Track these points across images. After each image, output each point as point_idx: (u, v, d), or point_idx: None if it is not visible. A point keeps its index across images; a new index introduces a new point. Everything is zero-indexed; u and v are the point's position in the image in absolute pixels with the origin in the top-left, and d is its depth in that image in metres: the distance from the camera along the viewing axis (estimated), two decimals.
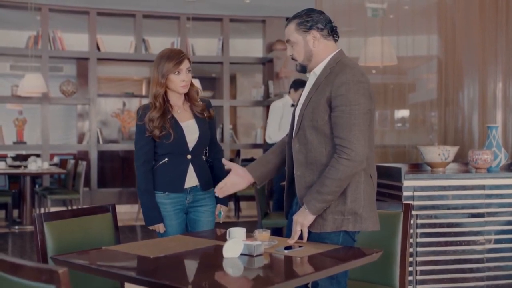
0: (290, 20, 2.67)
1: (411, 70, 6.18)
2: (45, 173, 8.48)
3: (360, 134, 2.48)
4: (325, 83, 2.55)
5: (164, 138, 3.11)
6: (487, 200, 3.95)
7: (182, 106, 3.24)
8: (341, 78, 2.51)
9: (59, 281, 1.54)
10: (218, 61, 10.01)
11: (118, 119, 12.54)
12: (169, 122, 3.12)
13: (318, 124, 2.55)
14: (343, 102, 2.48)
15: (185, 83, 3.15)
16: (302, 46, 2.63)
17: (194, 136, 3.20)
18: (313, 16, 2.63)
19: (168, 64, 3.10)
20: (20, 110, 11.54)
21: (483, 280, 3.95)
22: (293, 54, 2.68)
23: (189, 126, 3.21)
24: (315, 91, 2.58)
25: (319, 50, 2.63)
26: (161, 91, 3.13)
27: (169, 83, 3.14)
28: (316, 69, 2.64)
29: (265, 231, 2.58)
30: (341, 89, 2.49)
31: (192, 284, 2.07)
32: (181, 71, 3.14)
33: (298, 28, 2.63)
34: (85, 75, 10.19)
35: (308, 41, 2.62)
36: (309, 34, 2.62)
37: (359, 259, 2.37)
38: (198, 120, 3.24)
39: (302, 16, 2.64)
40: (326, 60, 2.63)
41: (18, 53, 9.27)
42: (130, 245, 2.61)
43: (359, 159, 2.47)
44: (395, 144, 6.14)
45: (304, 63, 2.66)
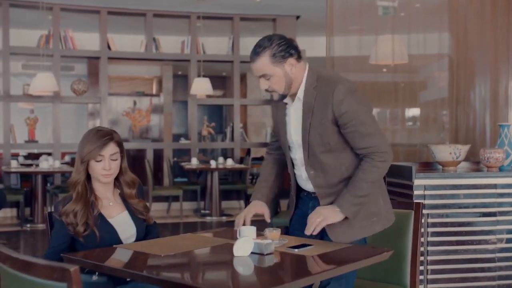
0: (258, 54, 2.51)
1: (422, 68, 6.15)
2: (57, 171, 8.53)
3: (381, 136, 2.54)
4: (321, 106, 2.50)
5: (89, 237, 2.52)
6: (499, 199, 3.93)
7: (112, 197, 2.67)
8: (337, 96, 2.47)
9: (71, 279, 1.55)
10: (229, 60, 10.01)
11: (129, 118, 12.59)
12: (93, 219, 2.54)
13: (331, 146, 2.55)
14: (351, 117, 2.48)
15: (106, 171, 2.56)
16: (281, 76, 2.51)
17: (129, 234, 2.63)
18: (284, 44, 2.50)
19: (88, 148, 2.53)
20: (32, 109, 11.61)
21: (495, 279, 3.93)
22: (271, 86, 2.54)
23: (122, 222, 2.63)
24: (311, 115, 2.53)
25: (297, 75, 2.55)
26: (80, 178, 2.56)
27: (90, 170, 2.58)
28: (299, 94, 2.57)
29: (275, 230, 2.57)
30: (343, 107, 2.47)
31: (203, 282, 2.07)
32: (103, 157, 2.55)
33: (274, 59, 2.49)
34: (96, 74, 10.24)
35: (286, 70, 2.51)
36: (286, 63, 2.50)
37: (370, 258, 2.36)
38: (132, 213, 2.68)
39: (273, 46, 2.49)
40: (303, 81, 2.56)
41: (30, 52, 9.32)
42: (141, 243, 2.62)
43: (391, 158, 2.53)
44: (406, 143, 6.12)
45: (285, 93, 2.56)
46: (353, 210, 2.51)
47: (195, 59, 9.71)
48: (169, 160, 9.84)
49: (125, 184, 2.69)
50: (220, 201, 8.89)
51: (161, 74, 13.08)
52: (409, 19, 5.76)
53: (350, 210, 2.50)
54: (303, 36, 10.43)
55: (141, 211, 2.71)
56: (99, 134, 2.57)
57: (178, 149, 11.49)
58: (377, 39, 5.49)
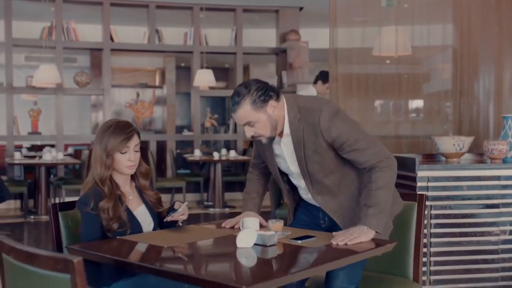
0: (238, 103, 2.47)
1: (425, 60, 6.13)
2: (60, 163, 8.54)
3: (378, 146, 2.55)
4: (310, 136, 2.52)
5: (120, 234, 2.55)
6: (503, 191, 3.92)
7: (131, 191, 2.70)
8: (323, 123, 2.48)
9: (74, 270, 1.55)
10: (231, 52, 10.00)
11: (132, 110, 12.60)
12: (125, 214, 2.58)
13: (333, 169, 2.59)
14: (344, 139, 2.50)
15: (132, 163, 2.60)
16: (266, 120, 2.49)
17: (149, 228, 2.69)
18: (262, 88, 2.48)
19: (113, 141, 2.54)
20: (35, 100, 11.62)
21: (498, 271, 3.93)
22: (256, 132, 2.52)
23: (143, 216, 2.68)
24: (303, 147, 2.54)
25: (280, 114, 2.54)
26: (107, 174, 2.57)
27: (113, 163, 2.58)
28: (285, 130, 2.57)
29: (278, 221, 2.58)
30: (333, 132, 2.49)
31: (206, 273, 2.08)
32: (129, 149, 2.58)
33: (255, 106, 2.47)
34: (99, 66, 10.23)
35: (269, 113, 2.49)
36: (268, 106, 2.49)
37: (373, 249, 2.36)
38: (148, 207, 2.72)
39: (251, 93, 2.46)
40: (286, 117, 2.55)
41: (32, 44, 9.32)
42: (144, 235, 2.62)
43: (394, 162, 2.55)
44: (409, 134, 6.11)
45: (272, 135, 2.55)
46: (380, 223, 2.48)
47: (198, 50, 9.69)
48: (172, 152, 9.84)
49: (141, 175, 2.71)
50: (223, 193, 8.89)
51: (164, 66, 13.06)
52: (412, 11, 5.74)
53: (378, 224, 2.46)
54: (306, 27, 10.40)
55: (155, 204, 2.74)
56: (122, 126, 2.58)
57: (181, 140, 11.49)
58: (380, 31, 5.46)
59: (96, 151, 2.57)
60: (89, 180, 2.60)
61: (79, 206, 2.55)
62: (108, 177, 2.57)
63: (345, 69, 5.91)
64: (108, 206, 2.51)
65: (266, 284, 1.94)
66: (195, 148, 9.68)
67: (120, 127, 2.58)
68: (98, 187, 2.55)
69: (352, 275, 2.52)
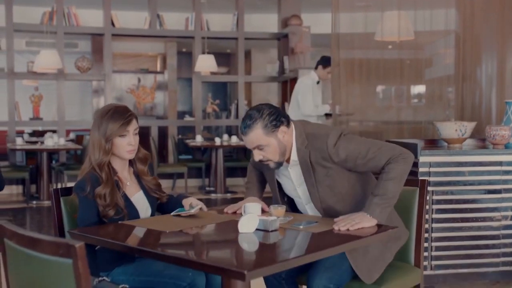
0: (250, 126, 2.51)
1: (428, 45, 6.10)
2: (62, 149, 8.55)
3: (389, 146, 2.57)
4: (319, 161, 2.56)
5: (117, 220, 2.54)
6: (504, 176, 3.92)
7: (129, 177, 2.68)
8: (331, 148, 2.52)
9: (76, 255, 1.55)
10: (233, 37, 9.95)
11: (133, 95, 12.59)
12: (122, 201, 2.56)
13: (343, 195, 2.61)
14: (355, 155, 2.53)
15: (132, 147, 2.59)
16: (276, 145, 2.54)
17: (147, 214, 2.67)
18: (274, 113, 2.54)
19: (112, 126, 2.53)
20: (36, 86, 11.60)
21: (499, 256, 3.94)
22: (265, 156, 2.56)
23: (140, 202, 2.66)
24: (313, 173, 2.58)
25: (289, 140, 2.59)
26: (106, 159, 2.55)
27: (113, 148, 2.57)
28: (292, 156, 2.61)
29: (280, 207, 2.58)
30: (341, 154, 2.53)
31: (208, 258, 2.08)
32: (128, 133, 2.57)
33: (267, 130, 2.51)
34: (100, 51, 10.19)
35: (279, 138, 2.55)
36: (279, 132, 2.54)
37: (375, 235, 2.37)
38: (146, 193, 2.70)
39: (263, 117, 2.51)
40: (294, 143, 2.60)
41: (33, 29, 9.28)
42: (146, 220, 2.62)
43: (410, 155, 2.55)
44: (411, 120, 6.10)
45: (280, 160, 2.59)
46: (383, 213, 2.47)
47: (199, 36, 9.65)
48: (173, 138, 9.84)
49: (139, 160, 2.70)
50: (225, 178, 8.90)
51: (165, 51, 13.02)
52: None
53: (380, 214, 2.46)
54: (308, 12, 10.35)
55: (154, 190, 2.73)
56: (120, 110, 2.57)
57: (182, 126, 11.48)
58: (383, 16, 5.43)
59: (94, 136, 2.56)
60: (86, 165, 2.60)
61: (76, 190, 2.55)
62: (106, 162, 2.55)
63: (347, 54, 5.89)
64: (105, 192, 2.50)
65: (267, 269, 1.94)
66: (197, 133, 9.68)
67: (119, 112, 2.57)
68: (95, 172, 2.54)
69: (336, 275, 2.47)
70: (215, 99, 11.78)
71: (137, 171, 2.70)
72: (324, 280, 2.43)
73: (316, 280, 2.44)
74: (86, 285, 1.58)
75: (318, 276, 2.45)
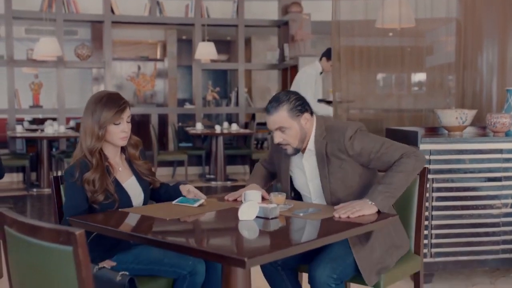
0: (276, 107, 2.62)
1: (429, 32, 6.08)
2: (62, 136, 8.55)
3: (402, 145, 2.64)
4: (335, 153, 2.62)
5: (107, 206, 2.55)
6: (505, 164, 3.92)
7: (120, 162, 2.70)
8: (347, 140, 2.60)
9: (76, 242, 1.55)
10: (233, 24, 9.92)
11: (133, 83, 12.56)
12: (112, 186, 2.57)
13: (353, 189, 2.66)
14: (369, 149, 2.60)
15: (125, 134, 2.61)
16: (297, 130, 2.63)
17: (139, 200, 2.69)
18: (300, 99, 2.65)
19: (106, 113, 2.54)
20: (36, 74, 11.57)
21: (499, 244, 3.94)
22: (285, 139, 2.64)
23: (132, 187, 2.68)
24: (328, 164, 2.64)
25: (310, 129, 2.68)
26: (98, 146, 2.56)
27: (106, 135, 2.59)
28: (309, 145, 2.69)
29: (280, 194, 2.58)
30: (355, 146, 2.60)
31: (208, 246, 2.08)
32: (122, 120, 2.59)
33: (292, 113, 2.62)
34: (100, 39, 10.16)
35: (302, 124, 2.64)
36: (302, 117, 2.64)
37: (376, 222, 2.37)
38: (139, 179, 2.72)
39: (290, 101, 2.62)
40: (312, 133, 2.69)
41: (32, 17, 9.24)
42: (146, 207, 2.63)
43: (422, 155, 2.61)
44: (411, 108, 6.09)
45: (298, 147, 2.67)
46: (385, 202, 2.48)
47: (199, 23, 9.62)
48: (173, 125, 9.83)
49: (130, 146, 2.72)
50: (225, 166, 8.91)
51: (165, 39, 12.98)
52: None
53: (382, 202, 2.46)
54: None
55: (146, 174, 2.74)
56: (114, 98, 2.59)
57: (182, 114, 11.47)
58: (383, 2, 5.40)
59: (87, 123, 2.56)
60: (77, 152, 2.61)
61: (65, 176, 2.55)
62: (98, 149, 2.57)
63: (347, 41, 5.87)
64: (94, 178, 2.51)
65: (268, 257, 1.94)
66: (197, 121, 9.67)
67: (113, 99, 2.58)
68: (86, 159, 2.55)
69: (339, 267, 2.48)
70: (215, 86, 11.76)
71: (129, 156, 2.73)
72: (328, 270, 2.44)
73: (319, 270, 2.44)
74: (86, 272, 1.58)
75: (322, 266, 2.45)
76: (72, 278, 1.60)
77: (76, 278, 1.59)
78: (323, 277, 2.42)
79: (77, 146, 2.64)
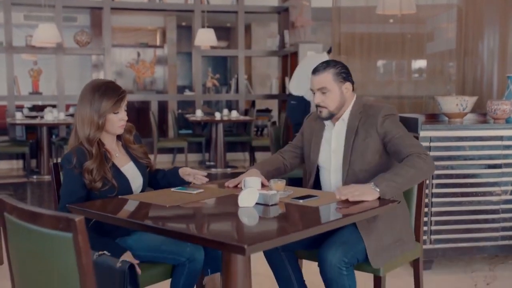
0: (324, 68, 2.75)
1: (430, 19, 6.06)
2: (62, 123, 8.54)
3: (420, 145, 2.70)
4: (365, 126, 2.72)
5: (106, 192, 2.56)
6: (505, 151, 3.91)
7: (117, 148, 2.72)
8: (382, 117, 2.70)
9: (76, 229, 1.56)
10: (233, 10, 9.87)
11: (133, 70, 12.52)
12: (110, 172, 2.58)
13: (370, 166, 2.70)
14: (395, 132, 2.68)
15: (124, 122, 2.65)
16: (337, 95, 2.75)
17: (138, 184, 2.71)
18: (346, 69, 2.79)
19: (106, 103, 2.56)
20: (35, 60, 11.54)
21: (498, 230, 3.95)
22: (324, 101, 2.75)
23: (131, 172, 2.70)
24: (355, 135, 2.73)
25: (348, 100, 2.79)
26: (99, 135, 2.58)
27: (106, 123, 2.60)
28: (344, 116, 2.80)
29: (280, 181, 2.58)
30: (385, 125, 2.70)
31: (208, 232, 2.09)
32: (121, 109, 2.61)
33: (336, 78, 2.75)
34: (99, 25, 10.12)
35: (343, 91, 2.76)
36: (344, 85, 2.77)
37: (376, 208, 2.37)
38: (137, 164, 2.75)
39: (338, 66, 2.76)
40: (350, 107, 2.80)
41: (31, 3, 9.20)
42: (146, 194, 2.63)
43: (432, 161, 2.63)
44: (412, 94, 6.08)
45: (334, 112, 2.77)
46: (389, 190, 2.47)
47: (199, 9, 9.57)
48: (173, 112, 9.82)
49: (124, 131, 2.73)
50: (225, 153, 8.91)
51: (165, 25, 12.94)
52: None
53: (385, 188, 2.46)
54: None
55: (142, 157, 2.78)
56: (112, 87, 2.60)
57: (182, 101, 11.45)
58: None
59: (85, 112, 2.56)
60: (72, 141, 2.61)
61: (62, 162, 2.56)
62: (98, 138, 2.58)
63: (348, 28, 5.85)
64: (93, 167, 2.52)
65: (267, 243, 1.95)
66: (197, 108, 9.65)
67: (112, 88, 2.59)
68: (83, 146, 2.56)
69: (350, 251, 2.48)
70: (215, 73, 11.73)
71: (124, 141, 2.75)
72: (339, 253, 2.45)
73: (331, 252, 2.45)
74: (86, 259, 1.58)
75: (334, 248, 2.46)
76: (72, 265, 1.60)
77: (76, 265, 1.59)
78: (334, 259, 2.43)
79: (72, 134, 2.64)
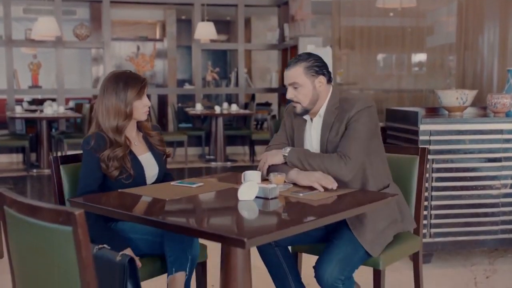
0: (295, 63, 2.67)
1: (430, 12, 6.05)
2: (61, 117, 8.54)
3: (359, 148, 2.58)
4: (339, 121, 2.65)
5: (122, 179, 2.62)
6: (505, 144, 3.91)
7: (136, 137, 2.77)
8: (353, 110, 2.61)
9: (76, 222, 1.55)
10: (233, 4, 9.85)
11: (133, 63, 12.48)
12: (129, 160, 2.64)
13: None
14: (350, 130, 2.61)
15: (147, 108, 2.72)
16: (309, 90, 2.66)
17: (153, 173, 2.76)
18: (320, 62, 2.68)
19: (131, 91, 2.63)
20: (35, 54, 11.53)
21: (498, 224, 3.95)
22: (297, 96, 2.68)
23: (147, 161, 2.75)
24: (329, 131, 2.67)
25: (323, 94, 2.70)
26: (128, 124, 2.66)
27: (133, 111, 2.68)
28: (320, 111, 2.72)
29: (280, 175, 2.58)
30: (352, 121, 2.61)
31: (208, 226, 2.09)
32: (144, 95, 2.69)
33: (307, 72, 2.65)
34: (99, 19, 10.11)
35: (315, 85, 2.67)
36: (317, 79, 2.66)
37: (375, 202, 2.37)
38: (154, 154, 2.80)
39: (310, 60, 2.66)
40: (326, 102, 2.71)
41: None
42: (146, 188, 2.63)
43: (351, 169, 2.55)
44: (412, 88, 6.07)
45: (308, 107, 2.70)
46: (295, 162, 2.58)
47: (198, 2, 9.55)
48: (173, 106, 9.82)
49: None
50: (225, 147, 8.91)
51: (165, 19, 12.91)
52: None
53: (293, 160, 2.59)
54: None
55: (159, 144, 2.84)
56: (133, 76, 2.68)
57: (182, 94, 11.44)
58: None
59: (110, 102, 2.63)
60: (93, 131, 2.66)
61: (83, 145, 2.62)
62: (127, 127, 2.65)
63: (348, 21, 5.84)
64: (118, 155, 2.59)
65: (267, 237, 1.94)
66: (197, 102, 9.65)
67: (133, 77, 2.67)
68: (103, 133, 2.62)
69: (348, 267, 2.48)
70: (215, 67, 11.72)
71: (142, 127, 2.80)
72: (336, 272, 2.44)
73: (328, 270, 2.44)
74: (86, 252, 1.58)
75: (331, 267, 2.45)
76: (72, 258, 1.60)
77: (76, 258, 1.59)
78: (331, 278, 2.44)
79: (92, 126, 2.68)
